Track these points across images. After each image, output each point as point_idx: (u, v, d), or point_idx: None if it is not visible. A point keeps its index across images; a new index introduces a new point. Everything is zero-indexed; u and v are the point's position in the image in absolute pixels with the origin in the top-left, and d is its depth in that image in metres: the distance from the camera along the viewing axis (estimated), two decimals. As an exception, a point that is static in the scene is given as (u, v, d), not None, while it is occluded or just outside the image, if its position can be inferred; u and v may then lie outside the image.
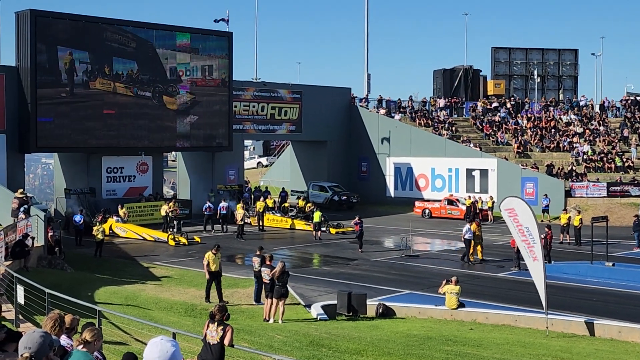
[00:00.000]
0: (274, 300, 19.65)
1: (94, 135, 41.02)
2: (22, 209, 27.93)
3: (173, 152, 65.89)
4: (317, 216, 37.97)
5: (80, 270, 27.03)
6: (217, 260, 22.44)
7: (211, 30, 47.65)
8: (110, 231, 36.64)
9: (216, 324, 10.70)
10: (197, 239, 35.56)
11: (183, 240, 34.94)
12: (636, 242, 34.16)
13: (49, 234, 27.71)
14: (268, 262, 20.67)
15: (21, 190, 31.63)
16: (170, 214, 37.94)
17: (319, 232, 37.75)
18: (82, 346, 6.94)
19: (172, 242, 34.80)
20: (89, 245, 32.27)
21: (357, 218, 34.22)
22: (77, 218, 34.80)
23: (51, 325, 7.35)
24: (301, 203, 44.61)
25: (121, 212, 38.30)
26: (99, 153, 41.94)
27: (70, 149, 41.57)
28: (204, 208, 40.00)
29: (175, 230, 36.58)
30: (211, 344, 10.59)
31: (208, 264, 22.24)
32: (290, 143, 59.81)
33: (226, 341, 10.60)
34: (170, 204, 39.55)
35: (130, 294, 22.63)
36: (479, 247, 30.79)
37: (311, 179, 54.14)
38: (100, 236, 31.31)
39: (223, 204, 40.40)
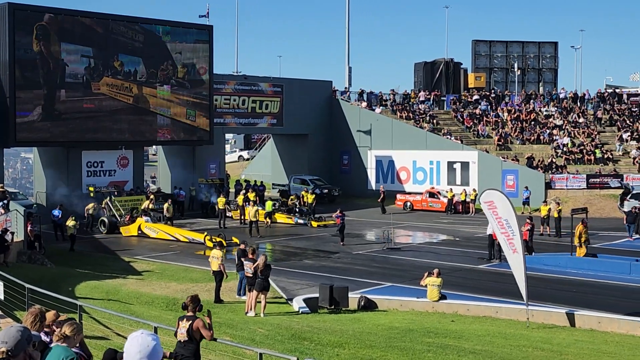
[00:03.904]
0: (256, 293, 19.63)
1: (73, 129, 40.78)
2: (1, 203, 27.72)
3: (154, 146, 65.64)
4: (268, 205, 38.99)
5: (60, 265, 26.88)
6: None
7: (192, 23, 47.49)
8: (139, 231, 35.60)
9: (185, 319, 10.60)
10: (235, 239, 32.22)
11: (221, 240, 30.94)
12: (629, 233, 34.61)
13: (29, 229, 27.54)
14: (251, 256, 20.63)
15: (1, 185, 31.39)
16: (151, 206, 37.92)
17: (269, 220, 39.13)
18: (61, 341, 6.89)
19: (209, 244, 31.51)
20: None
21: (338, 211, 34.25)
22: (56, 213, 34.38)
23: (31, 320, 7.29)
24: (310, 198, 44.40)
25: (165, 206, 37.90)
26: (78, 147, 41.69)
27: (49, 144, 41.28)
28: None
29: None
30: (182, 341, 10.51)
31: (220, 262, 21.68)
32: (272, 136, 59.75)
33: (207, 336, 10.53)
34: (151, 196, 39.61)
35: (111, 288, 22.54)
36: (584, 249, 27.90)
37: (292, 173, 54.11)
38: (71, 230, 31.06)
39: (182, 192, 43.99)
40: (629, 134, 51.28)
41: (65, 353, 6.55)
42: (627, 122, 53.06)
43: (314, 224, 39.54)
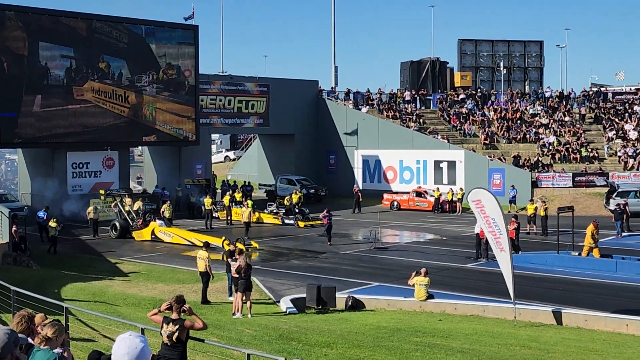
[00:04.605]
0: (240, 294, 19.58)
1: (58, 130, 40.54)
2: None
3: (139, 147, 65.41)
4: (248, 204, 38.25)
5: (46, 267, 26.72)
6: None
7: (177, 23, 47.34)
8: (153, 236, 34.37)
9: (170, 323, 10.48)
10: (254, 244, 31.75)
11: (240, 246, 28.86)
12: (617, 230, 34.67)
13: (13, 230, 27.35)
14: (237, 256, 20.59)
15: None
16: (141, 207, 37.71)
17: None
18: (44, 344, 6.74)
19: (228, 248, 31.34)
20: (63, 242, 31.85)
21: (325, 211, 34.22)
22: (41, 214, 34.12)
23: (17, 321, 7.21)
24: (295, 197, 44.14)
25: (167, 208, 37.23)
26: (64, 149, 41.45)
27: (34, 145, 41.03)
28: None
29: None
30: (169, 344, 10.41)
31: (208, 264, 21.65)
32: (258, 136, 59.64)
33: (200, 326, 10.45)
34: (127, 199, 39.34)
35: (98, 290, 22.42)
36: (596, 250, 26.79)
37: (279, 173, 54.00)
38: (52, 232, 30.83)
39: (166, 192, 43.76)
40: (614, 132, 51.51)
41: (49, 356, 6.48)
42: (615, 120, 53.25)
43: (301, 224, 39.49)
